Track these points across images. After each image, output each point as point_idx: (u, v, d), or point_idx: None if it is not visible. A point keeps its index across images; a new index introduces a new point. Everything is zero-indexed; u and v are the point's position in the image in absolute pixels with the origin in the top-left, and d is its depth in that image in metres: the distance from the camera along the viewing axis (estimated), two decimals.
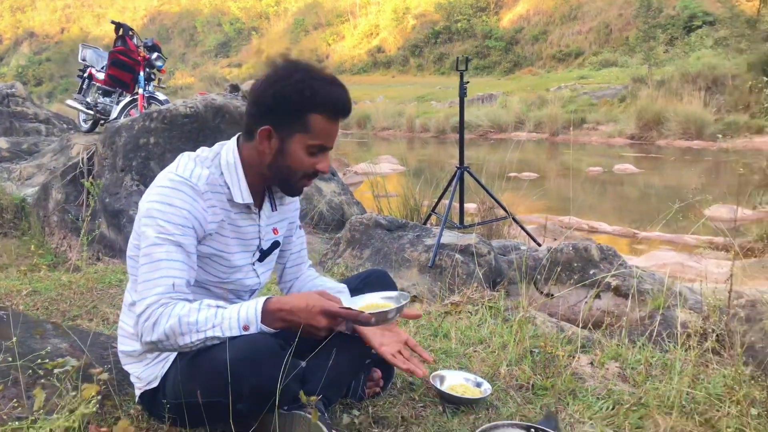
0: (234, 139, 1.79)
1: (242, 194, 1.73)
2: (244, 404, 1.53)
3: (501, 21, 37.07)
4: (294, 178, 1.73)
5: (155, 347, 1.57)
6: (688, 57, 21.21)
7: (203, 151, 1.77)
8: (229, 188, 1.72)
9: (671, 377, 2.23)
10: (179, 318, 1.51)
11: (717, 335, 2.48)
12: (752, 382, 2.16)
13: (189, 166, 1.70)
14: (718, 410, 2.03)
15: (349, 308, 1.58)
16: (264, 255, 1.86)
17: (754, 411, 1.96)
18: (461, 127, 4.32)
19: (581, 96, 21.62)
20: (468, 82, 4.08)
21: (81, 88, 7.95)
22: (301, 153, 1.68)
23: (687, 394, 2.12)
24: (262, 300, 1.53)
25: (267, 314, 1.53)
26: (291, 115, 1.65)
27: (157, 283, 1.56)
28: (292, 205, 1.98)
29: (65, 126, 9.60)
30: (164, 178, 1.68)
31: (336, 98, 1.66)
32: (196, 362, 1.59)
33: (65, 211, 5.87)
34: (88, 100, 7.65)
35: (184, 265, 1.60)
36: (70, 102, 7.85)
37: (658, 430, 1.92)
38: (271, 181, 1.78)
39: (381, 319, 1.62)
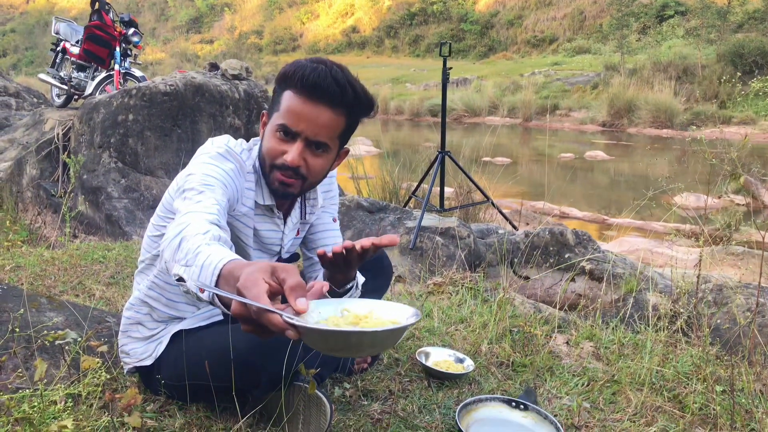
0: None
1: (263, 195, 1.68)
2: (260, 391, 1.59)
3: (477, 4, 37.12)
4: (265, 167, 1.60)
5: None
6: (660, 46, 21.56)
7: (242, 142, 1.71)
8: (255, 187, 1.67)
9: (642, 356, 2.36)
10: (181, 239, 1.23)
11: (686, 317, 2.62)
12: (717, 361, 2.30)
13: (238, 147, 1.65)
14: (685, 387, 2.16)
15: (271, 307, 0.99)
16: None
17: (718, 388, 2.09)
18: (443, 112, 4.40)
19: (554, 82, 21.84)
20: (451, 68, 4.16)
21: (54, 62, 7.81)
22: (271, 134, 1.57)
23: (657, 372, 2.25)
24: (226, 259, 1.12)
25: (222, 279, 1.11)
26: (275, 93, 1.59)
27: (197, 207, 1.36)
28: (330, 200, 1.89)
29: (36, 100, 9.43)
30: (213, 146, 1.61)
31: (308, 72, 1.49)
32: (207, 347, 1.62)
33: (40, 187, 5.83)
34: (62, 74, 7.53)
35: (220, 207, 1.41)
36: (43, 76, 7.72)
37: (629, 405, 2.05)
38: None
39: (315, 336, 1.01)
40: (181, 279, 1.17)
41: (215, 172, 1.52)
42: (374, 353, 1.08)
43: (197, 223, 1.27)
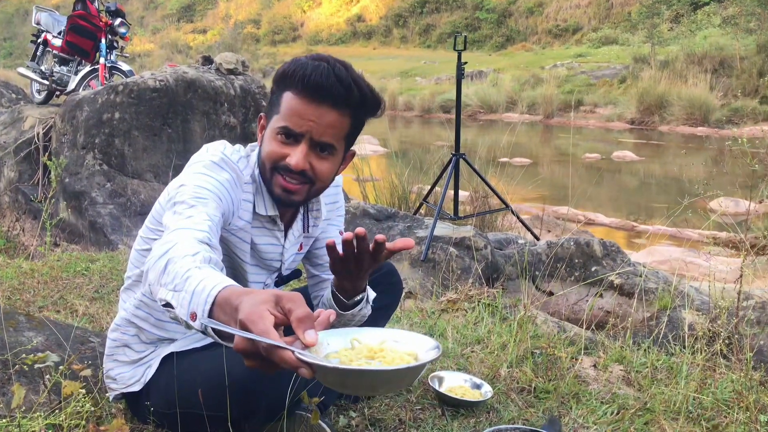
0: None
1: (265, 205, 1.68)
2: (258, 420, 1.58)
3: None
4: (265, 172, 1.61)
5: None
6: (694, 36, 21.44)
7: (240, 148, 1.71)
8: (253, 197, 1.67)
9: (677, 381, 2.34)
10: (167, 261, 1.23)
11: (726, 338, 2.59)
12: (762, 387, 2.28)
13: (235, 155, 1.65)
14: (726, 416, 2.14)
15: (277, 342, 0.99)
16: (282, 281, 1.85)
17: (763, 418, 2.07)
18: (458, 112, 4.39)
19: (578, 75, 21.81)
20: (466, 62, 4.15)
21: (35, 54, 7.85)
22: (271, 138, 1.58)
23: (694, 400, 2.22)
24: (220, 285, 1.12)
25: (216, 307, 1.10)
26: (273, 94, 1.61)
27: (187, 223, 1.37)
28: (335, 212, 1.90)
29: (14, 96, 9.47)
30: (208, 154, 1.61)
31: (310, 72, 1.50)
32: (202, 373, 1.62)
33: (18, 191, 5.85)
34: (43, 68, 7.56)
35: (213, 224, 1.41)
36: (22, 70, 7.76)
37: None
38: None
39: (332, 375, 1.03)
40: (168, 305, 1.17)
41: (209, 183, 1.52)
42: (390, 392, 1.11)
43: (186, 242, 1.28)
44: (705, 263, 4.65)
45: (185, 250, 1.24)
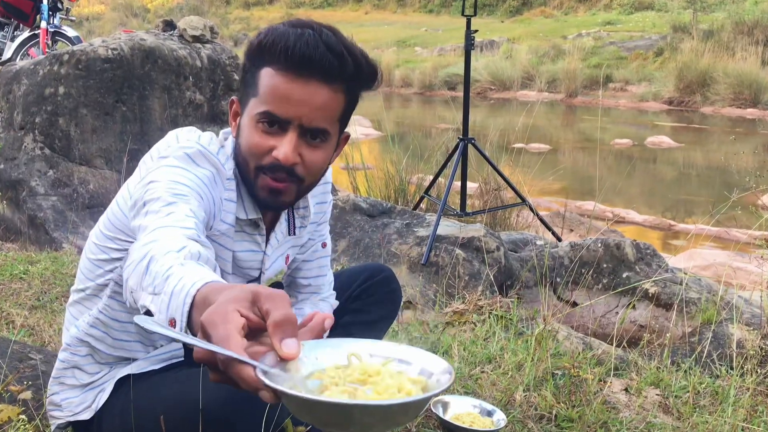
0: None
1: (245, 207, 1.66)
2: None
3: None
4: (248, 171, 1.58)
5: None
6: (744, 1, 21.51)
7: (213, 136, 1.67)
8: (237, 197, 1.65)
9: (723, 409, 2.35)
10: (149, 260, 1.18)
11: None
12: None
13: (213, 145, 1.60)
14: None
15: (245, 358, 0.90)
16: None
17: None
18: (466, 89, 4.39)
19: (607, 47, 21.84)
20: (476, 30, 4.15)
21: None
22: (251, 127, 1.54)
23: (743, 430, 2.23)
24: (201, 281, 1.06)
25: (195, 309, 1.04)
26: (247, 72, 1.57)
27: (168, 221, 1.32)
28: (323, 216, 1.91)
29: None
30: (179, 145, 1.56)
31: (294, 42, 1.46)
32: (163, 397, 1.61)
33: None
34: None
35: (198, 221, 1.36)
36: None
37: None
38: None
39: (299, 406, 0.91)
40: (150, 312, 1.13)
41: (185, 178, 1.47)
42: (386, 430, 1.00)
43: (169, 238, 1.23)
44: (756, 269, 4.67)
45: (168, 246, 1.19)
